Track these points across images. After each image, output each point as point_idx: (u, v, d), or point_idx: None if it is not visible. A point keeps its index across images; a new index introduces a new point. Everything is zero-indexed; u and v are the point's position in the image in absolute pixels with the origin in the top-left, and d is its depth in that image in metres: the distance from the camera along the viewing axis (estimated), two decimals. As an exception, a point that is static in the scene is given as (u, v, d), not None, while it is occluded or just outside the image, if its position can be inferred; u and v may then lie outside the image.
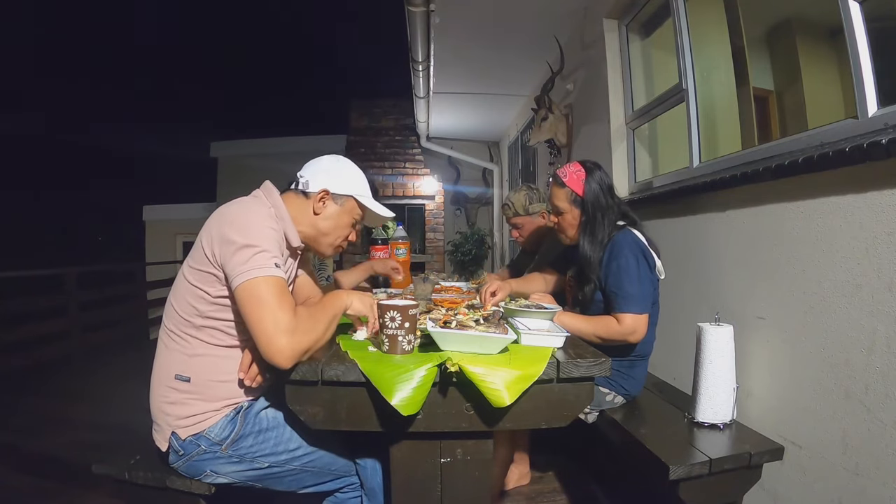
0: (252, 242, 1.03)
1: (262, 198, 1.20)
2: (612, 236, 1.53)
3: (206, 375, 1.12)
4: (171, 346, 1.13)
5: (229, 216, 1.09)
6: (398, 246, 2.41)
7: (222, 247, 1.05)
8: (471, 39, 3.47)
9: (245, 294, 1.00)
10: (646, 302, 1.45)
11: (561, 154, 3.41)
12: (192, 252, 1.12)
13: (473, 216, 7.18)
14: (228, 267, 1.03)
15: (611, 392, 1.58)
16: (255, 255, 1.02)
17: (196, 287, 1.09)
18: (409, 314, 1.03)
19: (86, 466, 1.28)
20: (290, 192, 1.24)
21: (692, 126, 2.00)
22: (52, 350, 4.30)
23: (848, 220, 1.16)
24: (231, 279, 1.03)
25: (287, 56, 17.90)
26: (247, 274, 1.00)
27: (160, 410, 1.13)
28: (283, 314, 0.98)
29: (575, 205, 1.58)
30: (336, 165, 1.26)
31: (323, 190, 1.20)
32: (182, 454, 1.12)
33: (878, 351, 1.08)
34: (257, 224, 1.07)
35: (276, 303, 0.99)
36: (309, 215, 1.22)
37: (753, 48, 2.21)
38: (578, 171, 1.59)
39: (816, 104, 1.99)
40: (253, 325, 0.99)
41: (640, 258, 1.47)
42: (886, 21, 1.26)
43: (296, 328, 0.98)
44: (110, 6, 16.27)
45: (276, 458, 1.15)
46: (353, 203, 1.25)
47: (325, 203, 1.21)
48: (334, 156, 1.28)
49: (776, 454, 1.31)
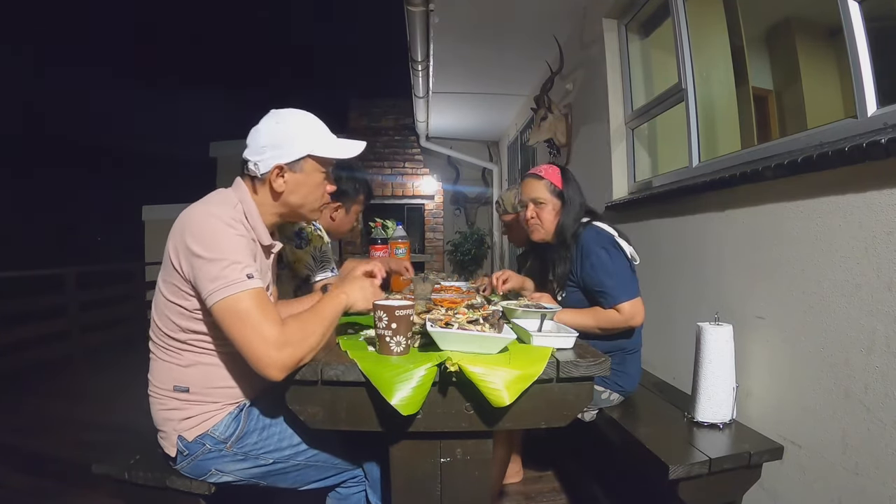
0: (219, 256, 0.97)
1: (229, 194, 1.12)
2: (578, 233, 1.58)
3: (203, 383, 1.11)
4: (163, 357, 1.10)
5: (192, 225, 1.01)
6: (398, 246, 2.41)
7: (189, 260, 0.99)
8: (470, 39, 3.47)
9: (223, 313, 0.95)
10: (632, 286, 1.49)
11: (560, 154, 3.41)
12: (163, 262, 1.06)
13: (473, 216, 7.18)
14: (199, 284, 0.98)
15: (606, 390, 1.58)
16: (224, 269, 0.96)
17: (172, 303, 1.05)
18: (395, 315, 1.00)
19: (86, 466, 1.28)
20: (247, 177, 1.14)
21: (691, 126, 2.00)
22: (52, 350, 4.30)
23: (847, 220, 1.16)
24: (204, 298, 0.97)
25: (287, 56, 17.89)
26: (221, 292, 0.95)
27: (163, 418, 1.12)
28: (269, 328, 0.94)
29: (554, 195, 1.64)
30: (276, 132, 1.10)
31: (275, 167, 1.09)
32: (187, 454, 1.12)
33: (878, 350, 1.08)
34: (221, 233, 1.00)
35: (260, 317, 0.95)
36: (272, 199, 1.13)
37: (753, 48, 2.21)
38: (553, 168, 1.68)
39: (816, 104, 1.99)
40: (239, 344, 0.95)
41: (610, 248, 1.52)
42: (886, 21, 1.26)
43: (286, 341, 0.94)
44: (110, 5, 16.29)
45: (280, 454, 1.15)
46: (312, 161, 1.13)
47: (284, 179, 1.11)
48: (269, 120, 1.12)
49: (776, 454, 1.32)
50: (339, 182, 1.84)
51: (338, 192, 1.84)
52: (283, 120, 1.12)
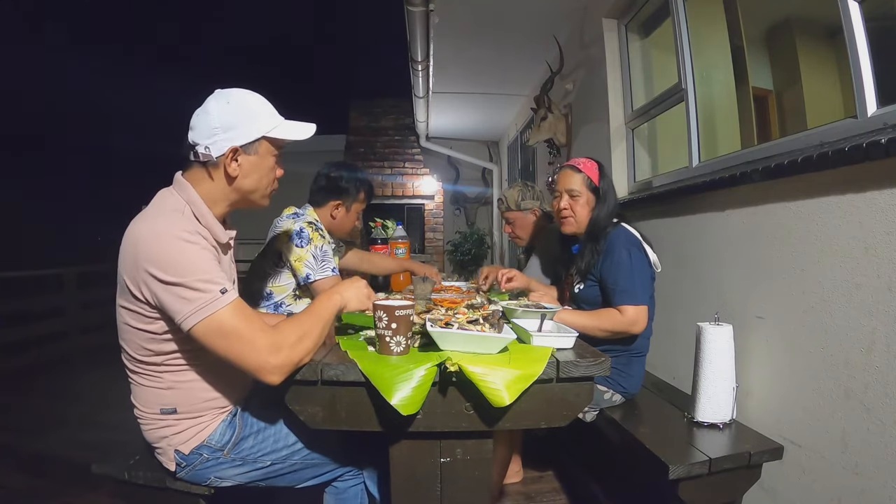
0: (184, 278, 0.90)
1: (175, 198, 1.04)
2: (607, 232, 1.57)
3: (189, 401, 1.08)
4: (143, 382, 1.06)
5: (146, 249, 0.92)
6: (397, 245, 2.41)
7: (150, 287, 0.92)
8: (470, 39, 3.47)
9: (205, 335, 0.92)
10: (644, 294, 1.48)
11: (560, 154, 3.41)
12: (119, 288, 0.99)
13: (473, 216, 7.18)
14: (168, 309, 0.92)
15: (609, 390, 1.58)
16: (193, 290, 0.90)
17: (140, 330, 0.99)
18: (395, 315, 1.00)
19: (86, 466, 1.28)
20: (195, 167, 1.05)
21: (691, 126, 2.00)
22: (52, 350, 4.30)
23: (847, 220, 1.16)
24: (179, 322, 0.92)
25: (286, 55, 17.88)
26: (196, 315, 0.90)
27: (156, 436, 1.10)
28: (259, 337, 0.92)
29: (590, 189, 1.64)
30: (227, 113, 1.03)
31: (230, 150, 1.02)
32: (186, 466, 1.11)
33: (878, 350, 1.08)
34: (179, 252, 0.92)
35: (247, 329, 0.92)
36: (226, 184, 1.06)
37: (753, 48, 2.21)
38: (591, 163, 1.67)
39: (816, 104, 1.99)
40: (231, 359, 0.93)
41: (634, 251, 1.51)
42: (886, 21, 1.26)
43: (279, 344, 0.92)
44: (111, 4, 16.30)
45: (276, 454, 1.15)
46: (266, 143, 1.08)
47: (238, 162, 1.04)
48: (219, 100, 1.04)
49: (776, 454, 1.31)
50: (340, 181, 1.84)
51: (338, 190, 1.84)
52: (233, 100, 1.04)
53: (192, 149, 1.03)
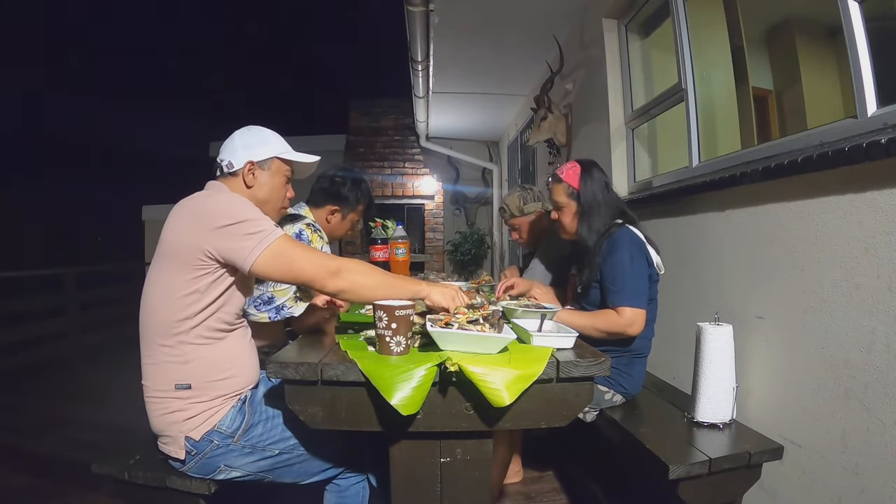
0: (246, 217, 1.08)
1: (216, 186, 1.25)
2: (611, 232, 1.55)
3: (205, 377, 1.13)
4: (162, 359, 1.12)
5: (208, 208, 1.11)
6: (397, 246, 2.41)
7: (217, 236, 1.06)
8: (470, 39, 3.47)
9: (268, 263, 1.06)
10: (641, 296, 1.47)
11: (560, 154, 3.41)
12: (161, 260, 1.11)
13: (473, 216, 7.18)
14: (234, 251, 1.06)
15: (609, 391, 1.58)
16: (255, 225, 1.07)
17: (187, 295, 1.09)
18: (395, 315, 1.00)
19: (86, 466, 1.28)
20: (220, 179, 1.27)
21: (691, 126, 2.00)
22: (52, 350, 4.30)
23: (847, 220, 1.16)
24: (243, 260, 1.06)
25: (286, 55, 17.91)
26: (261, 245, 1.06)
27: (167, 422, 1.13)
28: (316, 253, 1.12)
29: (571, 198, 1.63)
30: (249, 136, 1.29)
31: (248, 162, 1.25)
32: (196, 454, 1.13)
33: (878, 350, 1.08)
34: (238, 201, 1.14)
35: (304, 248, 1.11)
36: (245, 192, 1.26)
37: (753, 48, 2.21)
38: (574, 167, 1.65)
39: (816, 104, 1.99)
40: (294, 273, 1.08)
41: (635, 253, 1.50)
42: (886, 21, 1.26)
43: (339, 264, 1.10)
44: (110, 4, 16.32)
45: (285, 443, 1.18)
46: (279, 162, 1.30)
47: (254, 174, 1.26)
48: (243, 129, 1.31)
49: (776, 454, 1.31)
50: (342, 188, 1.84)
51: (339, 196, 1.84)
52: (253, 129, 1.31)
53: (219, 166, 1.27)
